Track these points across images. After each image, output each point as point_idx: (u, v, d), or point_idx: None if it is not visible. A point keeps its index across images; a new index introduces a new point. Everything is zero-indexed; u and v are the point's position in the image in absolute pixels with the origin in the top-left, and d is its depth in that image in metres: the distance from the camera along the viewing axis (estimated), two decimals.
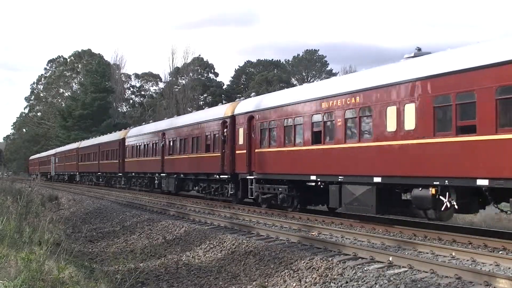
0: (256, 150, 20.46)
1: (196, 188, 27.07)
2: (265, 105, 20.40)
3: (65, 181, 62.69)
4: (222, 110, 24.40)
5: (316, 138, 17.10)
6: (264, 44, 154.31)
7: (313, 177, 17.07)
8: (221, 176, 23.47)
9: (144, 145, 34.86)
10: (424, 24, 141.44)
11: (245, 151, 21.23)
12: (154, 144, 32.78)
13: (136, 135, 37.36)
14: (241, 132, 21.84)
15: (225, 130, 23.09)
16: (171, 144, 29.93)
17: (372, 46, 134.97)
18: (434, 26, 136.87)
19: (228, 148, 22.76)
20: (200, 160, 25.71)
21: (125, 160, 38.59)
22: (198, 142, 26.30)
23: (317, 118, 17.00)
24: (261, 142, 20.21)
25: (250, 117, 21.10)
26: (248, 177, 20.97)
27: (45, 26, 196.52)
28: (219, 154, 23.46)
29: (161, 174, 31.18)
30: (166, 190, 31.12)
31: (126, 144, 38.84)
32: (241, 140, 21.72)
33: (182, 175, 28.42)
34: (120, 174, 40.28)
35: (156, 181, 32.88)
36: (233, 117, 22.75)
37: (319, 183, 17.21)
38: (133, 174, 37.88)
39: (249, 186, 21.03)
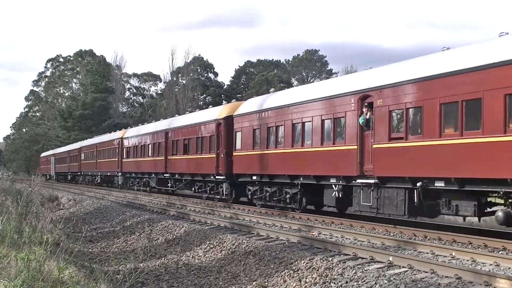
0: None
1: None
2: None
3: (96, 183, 47.82)
4: None
5: None
6: (264, 44, 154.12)
7: None
8: None
9: (293, 125, 18.90)
10: (424, 24, 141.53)
11: None
12: (325, 122, 17.24)
13: (265, 109, 21.09)
14: None
15: None
16: (397, 118, 14.47)
17: (373, 46, 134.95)
18: (434, 26, 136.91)
19: None
20: None
21: (234, 154, 23.13)
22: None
23: None
24: None
25: None
26: None
27: (45, 26, 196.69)
28: None
29: (358, 180, 15.48)
30: (357, 211, 16.02)
31: (236, 128, 23.22)
32: None
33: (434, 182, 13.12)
34: (221, 178, 24.30)
35: (336, 194, 16.76)
36: None
37: None
38: (253, 178, 21.64)
39: None
